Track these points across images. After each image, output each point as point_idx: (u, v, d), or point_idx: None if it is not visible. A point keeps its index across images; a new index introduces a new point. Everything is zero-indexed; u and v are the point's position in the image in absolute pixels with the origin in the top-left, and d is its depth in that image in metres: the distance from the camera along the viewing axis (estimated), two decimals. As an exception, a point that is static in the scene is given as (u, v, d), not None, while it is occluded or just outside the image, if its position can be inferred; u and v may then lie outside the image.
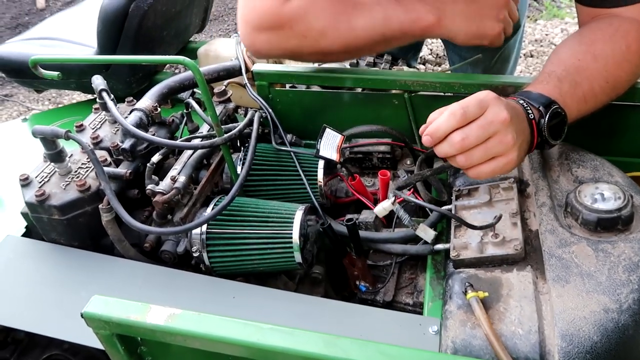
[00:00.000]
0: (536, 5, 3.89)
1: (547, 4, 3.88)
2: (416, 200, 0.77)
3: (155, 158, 0.87)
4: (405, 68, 1.31)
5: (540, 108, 0.76)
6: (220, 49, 1.33)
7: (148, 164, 0.87)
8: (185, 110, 1.02)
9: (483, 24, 0.93)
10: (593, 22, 0.90)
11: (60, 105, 3.14)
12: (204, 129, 1.00)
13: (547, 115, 0.75)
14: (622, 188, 0.72)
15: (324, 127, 0.92)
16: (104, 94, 0.94)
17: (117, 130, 1.00)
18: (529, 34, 3.46)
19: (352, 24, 0.92)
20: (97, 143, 0.98)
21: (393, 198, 0.79)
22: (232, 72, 1.13)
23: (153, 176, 0.88)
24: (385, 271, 0.91)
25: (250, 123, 0.95)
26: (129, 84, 1.36)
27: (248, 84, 1.06)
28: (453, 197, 0.85)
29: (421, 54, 3.23)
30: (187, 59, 0.80)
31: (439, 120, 0.69)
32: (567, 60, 0.84)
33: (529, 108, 0.76)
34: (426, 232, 0.78)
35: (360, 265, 0.88)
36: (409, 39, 0.95)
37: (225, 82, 1.13)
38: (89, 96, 1.66)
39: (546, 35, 3.44)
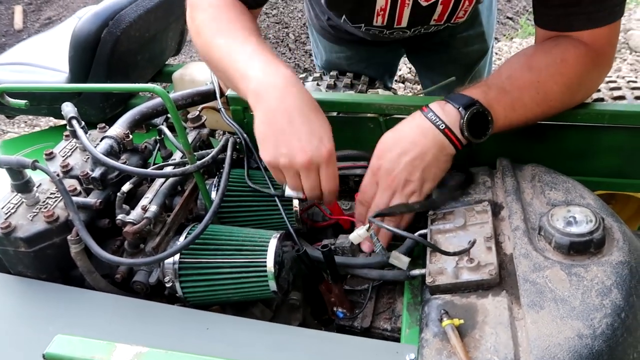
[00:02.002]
0: (512, 24, 3.98)
1: (523, 23, 3.98)
2: (389, 227, 0.77)
3: (126, 187, 0.86)
4: (381, 91, 1.32)
5: (460, 109, 0.82)
6: (196, 73, 1.32)
7: (119, 193, 0.86)
8: (158, 137, 1.01)
9: (285, 140, 0.78)
10: (540, 42, 0.93)
11: (36, 128, 3.10)
12: (178, 156, 0.99)
13: (466, 116, 0.81)
14: (593, 211, 0.73)
15: None
16: (74, 122, 0.93)
17: (88, 158, 0.99)
18: (505, 52, 3.53)
19: (214, 47, 0.90)
20: (67, 171, 0.96)
21: (368, 225, 0.79)
22: (206, 97, 1.12)
23: (124, 205, 0.86)
24: (362, 296, 0.90)
25: (224, 149, 0.94)
26: (102, 109, 1.34)
27: (222, 109, 1.06)
28: (429, 222, 0.85)
29: (400, 73, 3.27)
30: (157, 87, 0.79)
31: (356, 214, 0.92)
32: (503, 72, 0.89)
33: (437, 120, 0.83)
34: (399, 260, 0.77)
35: (337, 292, 0.86)
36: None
37: (200, 107, 1.13)
38: (64, 121, 1.64)
39: (521, 53, 3.51)
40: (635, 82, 1.39)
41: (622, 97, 1.33)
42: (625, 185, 1.03)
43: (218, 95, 1.08)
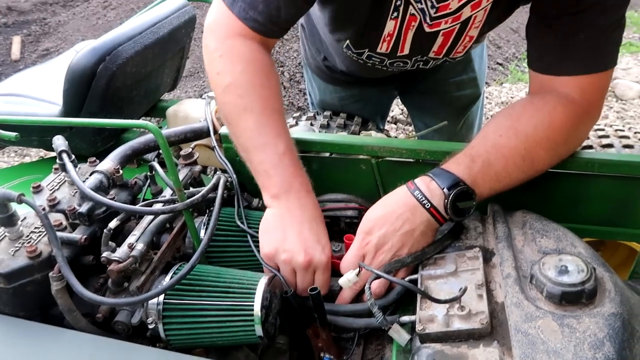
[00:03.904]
0: (502, 70, 4.08)
1: (512, 69, 4.08)
2: (380, 273, 0.76)
3: (113, 224, 0.84)
4: (374, 133, 1.33)
5: (445, 190, 0.82)
6: (190, 110, 1.33)
7: (105, 230, 0.84)
8: (149, 173, 1.00)
9: (292, 239, 0.86)
10: (530, 96, 0.94)
11: (26, 158, 3.08)
12: (168, 192, 0.98)
13: (451, 197, 0.82)
14: (584, 260, 0.72)
15: None
16: (64, 155, 0.92)
17: (76, 192, 0.97)
18: (495, 97, 3.61)
19: (242, 121, 0.94)
20: (54, 205, 0.94)
21: (357, 269, 0.77)
22: (199, 134, 1.13)
23: (110, 242, 0.85)
24: (351, 342, 0.88)
25: (215, 187, 0.93)
26: (93, 143, 1.33)
27: (217, 147, 1.06)
28: (419, 267, 0.84)
29: (392, 114, 3.32)
30: (149, 124, 0.79)
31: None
32: (489, 136, 0.89)
33: (423, 199, 0.84)
34: (400, 335, 0.75)
35: (325, 337, 0.84)
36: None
37: (193, 143, 1.12)
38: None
39: (512, 97, 3.60)
40: (623, 130, 1.41)
41: (610, 145, 1.35)
42: (614, 233, 1.03)
43: (212, 133, 1.08)
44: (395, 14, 1.04)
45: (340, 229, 1.05)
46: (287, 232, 0.87)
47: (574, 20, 0.85)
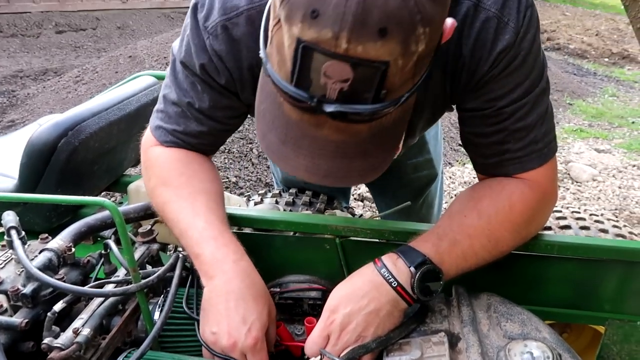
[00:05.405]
0: (464, 151, 4.25)
1: (472, 150, 4.24)
2: (342, 361, 0.72)
3: (58, 307, 0.79)
4: (338, 212, 1.33)
5: (411, 268, 0.82)
6: (153, 185, 1.30)
7: (49, 313, 0.78)
8: (103, 251, 0.95)
9: (216, 321, 0.83)
10: (488, 181, 0.95)
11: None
12: (122, 272, 0.93)
13: (417, 276, 0.81)
14: (550, 346, 0.71)
15: None
16: (13, 232, 0.87)
17: (23, 271, 0.91)
18: (458, 177, 3.72)
19: (165, 214, 0.96)
20: (-3, 285, 0.88)
21: (320, 357, 0.74)
22: (160, 211, 1.09)
23: (54, 327, 0.79)
24: None
25: (172, 267, 0.89)
26: (48, 218, 1.27)
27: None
28: (384, 353, 0.80)
29: (359, 191, 3.36)
30: (106, 201, 0.76)
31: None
32: (454, 217, 0.90)
33: (390, 277, 0.82)
34: None
35: None
36: None
37: (152, 220, 1.09)
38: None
39: (474, 177, 3.71)
40: (579, 212, 1.46)
41: (567, 227, 1.38)
42: (578, 316, 1.03)
43: (172, 210, 1.06)
44: None
45: (303, 311, 1.01)
46: (214, 313, 0.84)
47: (499, 130, 0.88)
